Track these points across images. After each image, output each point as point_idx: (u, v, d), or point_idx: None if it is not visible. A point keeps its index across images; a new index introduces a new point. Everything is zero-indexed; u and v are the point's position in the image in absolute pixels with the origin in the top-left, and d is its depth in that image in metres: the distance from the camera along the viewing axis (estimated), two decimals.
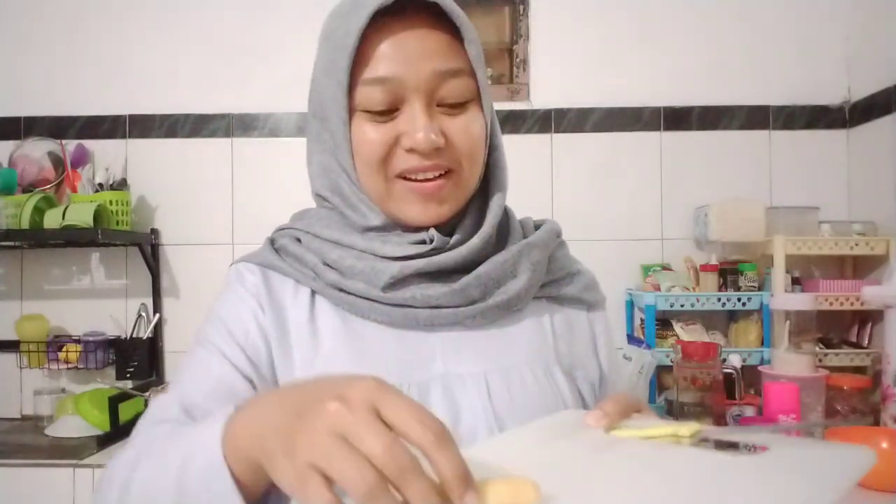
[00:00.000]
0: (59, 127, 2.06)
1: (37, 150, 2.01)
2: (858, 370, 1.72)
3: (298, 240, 0.72)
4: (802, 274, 1.86)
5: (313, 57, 0.69)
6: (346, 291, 0.66)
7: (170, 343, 2.04)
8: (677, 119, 2.00)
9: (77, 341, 1.95)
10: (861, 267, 1.89)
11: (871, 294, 1.46)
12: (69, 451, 1.61)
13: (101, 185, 1.93)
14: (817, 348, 1.71)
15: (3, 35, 2.08)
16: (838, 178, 1.97)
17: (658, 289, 1.83)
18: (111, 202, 1.90)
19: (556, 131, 2.01)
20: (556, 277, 0.74)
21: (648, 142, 2.01)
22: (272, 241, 0.74)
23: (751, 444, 0.48)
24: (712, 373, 1.55)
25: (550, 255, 0.74)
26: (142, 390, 1.84)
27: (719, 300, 1.79)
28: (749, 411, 1.55)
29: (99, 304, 2.06)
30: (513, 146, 2.10)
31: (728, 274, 1.84)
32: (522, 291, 0.69)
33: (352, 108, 0.64)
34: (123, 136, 2.06)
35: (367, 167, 0.65)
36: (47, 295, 2.07)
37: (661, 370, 1.79)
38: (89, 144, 2.05)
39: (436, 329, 0.67)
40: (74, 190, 1.95)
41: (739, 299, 1.79)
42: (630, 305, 1.97)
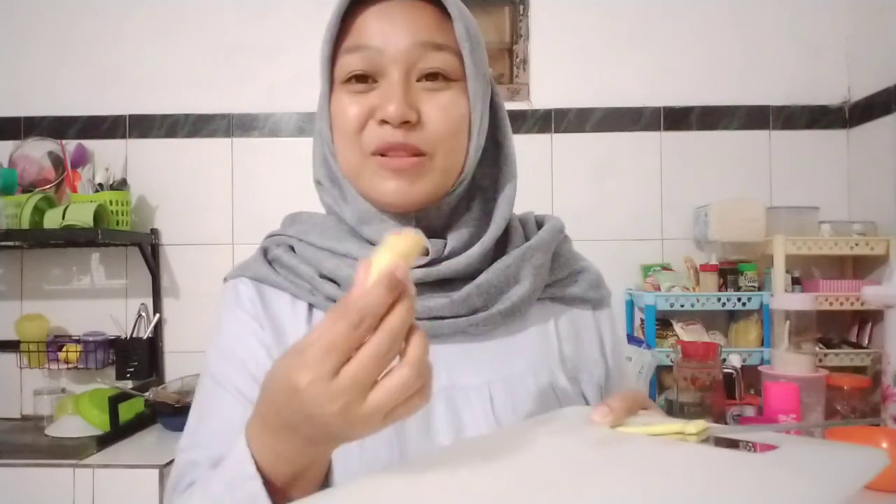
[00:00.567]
0: (59, 127, 2.06)
1: (37, 150, 2.01)
2: (858, 370, 1.72)
3: (292, 248, 0.70)
4: (802, 274, 1.86)
5: (313, 57, 0.69)
6: None
7: (170, 343, 2.04)
8: (677, 119, 2.00)
9: (77, 341, 1.95)
10: (861, 267, 1.89)
11: (871, 294, 1.46)
12: (69, 451, 1.61)
13: (101, 185, 1.93)
14: (817, 348, 1.71)
15: (3, 35, 2.08)
16: (838, 178, 1.97)
17: (658, 289, 1.83)
18: (111, 202, 1.90)
19: (556, 131, 2.01)
20: (561, 277, 0.72)
21: (648, 142, 2.01)
22: (265, 252, 0.72)
23: (759, 443, 0.48)
24: (712, 373, 1.55)
25: (554, 252, 0.72)
26: (142, 390, 1.84)
27: (719, 300, 1.79)
28: (749, 411, 1.55)
29: (99, 304, 2.06)
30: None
31: (728, 274, 1.84)
32: (526, 297, 0.67)
33: (334, 82, 0.64)
34: (123, 136, 2.06)
35: (343, 140, 0.64)
36: (47, 295, 2.07)
37: (661, 370, 1.79)
38: (89, 144, 2.05)
39: (438, 341, 0.64)
40: (74, 190, 1.95)
41: (739, 299, 1.79)
42: (630, 305, 1.97)
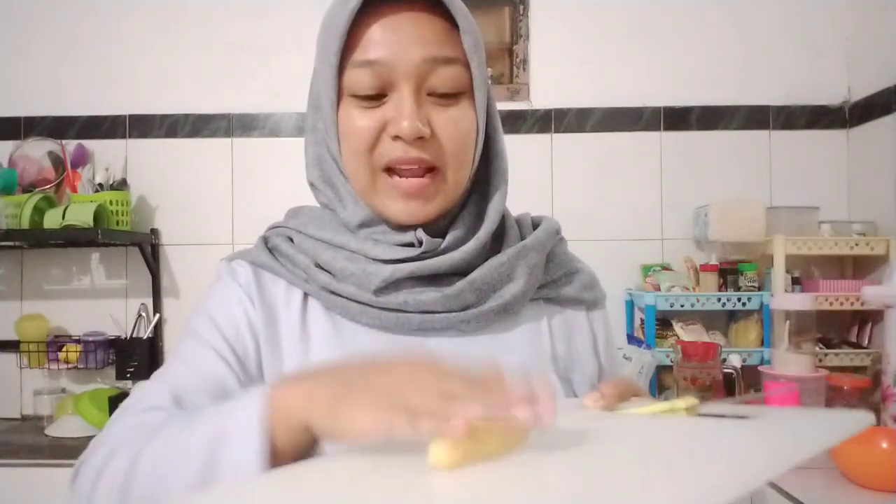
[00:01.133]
0: (59, 127, 2.06)
1: (37, 150, 2.01)
2: (858, 370, 1.72)
3: (291, 239, 0.70)
4: (802, 274, 1.86)
5: (313, 57, 0.69)
6: (338, 294, 0.65)
7: (170, 343, 2.04)
8: (677, 119, 2.00)
9: (77, 341, 1.95)
10: (861, 267, 1.89)
11: (871, 294, 1.46)
12: (69, 451, 1.61)
13: (101, 185, 1.93)
14: (817, 348, 1.71)
15: (3, 35, 2.08)
16: (838, 178, 1.97)
17: (658, 289, 1.83)
18: (111, 202, 1.90)
19: (556, 131, 2.01)
20: (555, 278, 0.72)
21: (648, 142, 2.01)
22: (265, 240, 0.72)
23: (748, 415, 0.50)
24: (712, 373, 1.56)
25: (549, 253, 0.72)
26: None
27: (719, 300, 1.79)
28: None
29: (99, 304, 2.06)
30: (513, 146, 2.08)
31: (728, 274, 1.84)
32: (519, 295, 0.67)
33: (341, 93, 0.63)
34: (123, 136, 2.06)
35: (354, 155, 0.63)
36: (47, 295, 2.07)
37: (661, 370, 1.79)
38: (89, 144, 2.05)
39: (429, 334, 0.65)
40: (74, 190, 1.95)
41: (739, 299, 1.79)
42: (630, 305, 1.97)
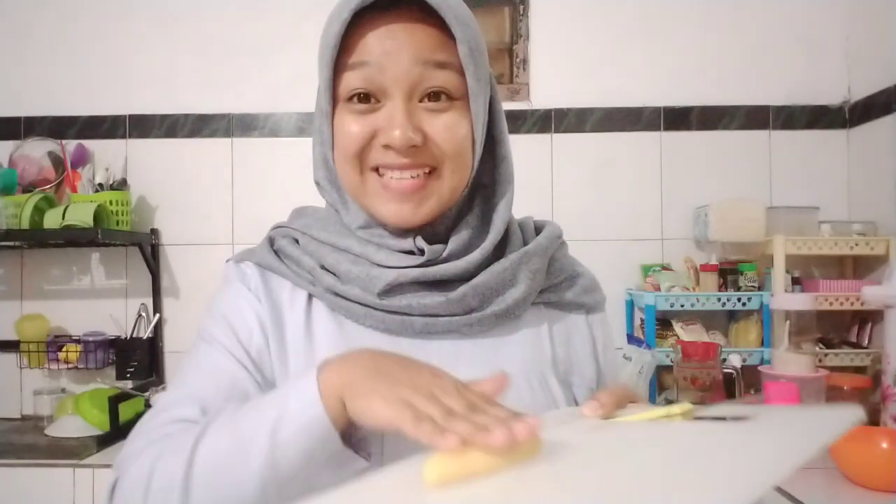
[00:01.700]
0: (59, 127, 2.06)
1: (37, 150, 2.01)
2: (858, 370, 1.72)
3: (296, 241, 0.71)
4: (802, 274, 1.86)
5: (313, 57, 0.69)
6: (343, 296, 0.66)
7: (170, 343, 2.04)
8: (677, 119, 2.00)
9: (77, 341, 1.95)
10: (861, 267, 1.89)
11: (871, 294, 1.46)
12: (69, 451, 1.61)
13: (101, 185, 1.94)
14: (817, 348, 1.71)
15: (3, 35, 2.08)
16: (838, 178, 1.97)
17: (658, 289, 1.83)
18: (111, 202, 1.90)
19: (556, 131, 2.01)
20: (556, 282, 0.73)
21: (648, 142, 2.01)
22: (271, 241, 0.73)
23: (742, 416, 0.50)
24: (712, 373, 1.56)
25: (550, 258, 0.73)
26: (142, 390, 1.84)
27: (719, 300, 1.79)
28: None
29: (99, 304, 2.06)
30: (513, 146, 2.11)
31: (728, 274, 1.84)
32: (521, 300, 0.68)
33: (337, 99, 0.64)
34: (123, 136, 2.06)
35: (343, 159, 0.64)
36: (47, 295, 2.07)
37: (661, 370, 1.79)
38: (89, 144, 2.05)
39: (432, 337, 0.66)
40: (74, 190, 1.96)
41: (739, 299, 1.79)
42: (630, 305, 1.97)
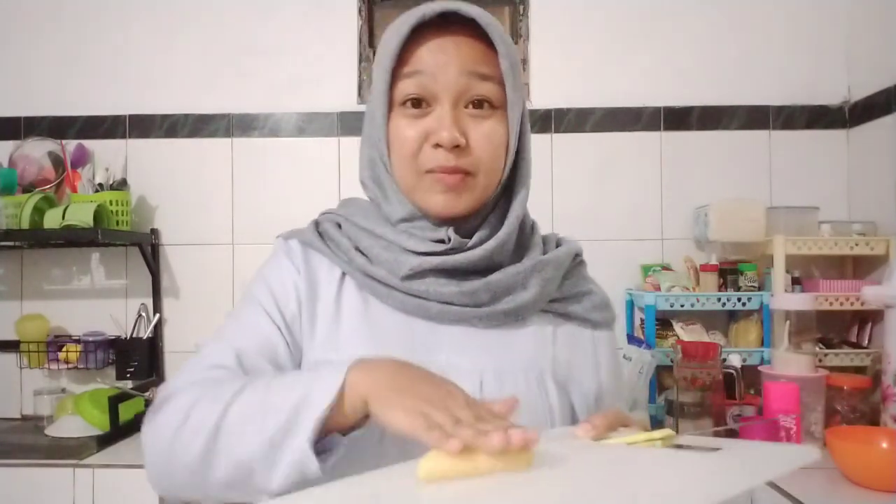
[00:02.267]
0: (59, 127, 2.06)
1: (37, 150, 2.01)
2: (858, 370, 1.72)
3: (339, 225, 0.79)
4: (802, 274, 1.86)
5: (313, 57, 0.70)
6: (371, 276, 0.74)
7: (170, 343, 2.05)
8: (677, 119, 2.00)
9: (77, 341, 1.95)
10: (861, 267, 1.89)
11: (871, 294, 1.46)
12: (69, 451, 1.61)
13: (101, 185, 1.94)
14: (817, 348, 1.71)
15: (4, 35, 2.08)
16: (838, 178, 1.97)
17: (658, 289, 1.83)
18: (111, 202, 1.90)
19: (556, 131, 2.01)
20: (567, 295, 0.79)
21: (648, 142, 2.01)
22: (316, 224, 0.81)
23: (712, 447, 0.57)
24: (712, 373, 1.56)
25: (566, 273, 0.79)
26: (142, 390, 1.85)
27: (719, 300, 1.79)
28: (749, 411, 1.55)
29: (99, 304, 2.06)
30: None
31: (728, 274, 1.84)
32: (530, 303, 0.74)
33: (392, 105, 0.72)
34: (123, 136, 2.06)
35: (401, 160, 0.73)
36: (47, 295, 2.07)
37: (661, 370, 1.79)
38: (89, 144, 2.05)
39: (444, 323, 0.73)
40: (74, 190, 1.96)
41: (739, 299, 1.79)
42: (630, 305, 1.97)
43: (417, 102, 0.71)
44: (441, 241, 0.73)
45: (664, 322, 1.87)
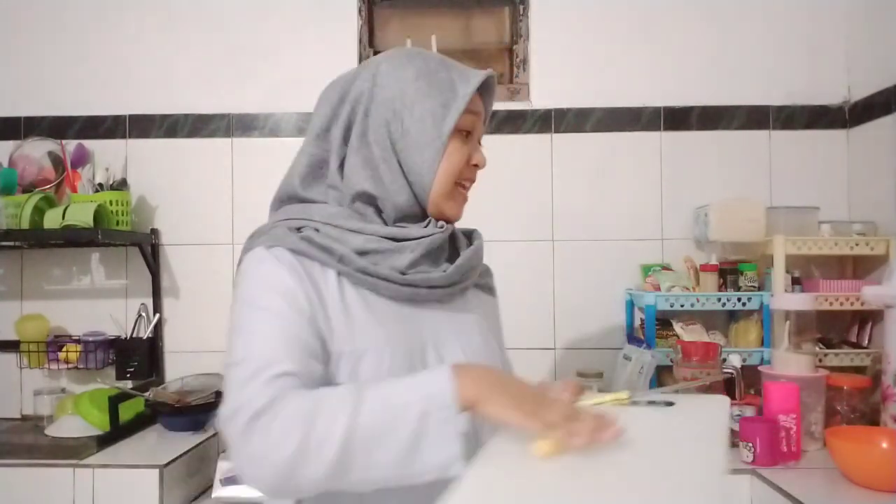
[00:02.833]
0: (59, 127, 2.06)
1: (37, 150, 2.01)
2: (858, 370, 1.72)
3: (317, 230, 0.85)
4: (802, 274, 1.86)
5: (313, 57, 0.69)
6: (369, 273, 0.83)
7: (170, 343, 2.04)
8: (677, 119, 2.01)
9: (77, 341, 1.95)
10: (861, 267, 1.89)
11: (871, 294, 1.46)
12: (69, 451, 1.61)
13: (101, 185, 1.94)
14: (817, 348, 1.71)
15: (3, 35, 2.08)
16: (838, 178, 1.97)
17: (658, 289, 1.83)
18: (111, 202, 1.90)
19: (556, 131, 2.01)
20: (481, 271, 1.01)
21: (648, 142, 2.01)
22: (297, 230, 0.86)
23: (665, 401, 0.79)
24: (712, 373, 1.55)
25: None
26: (142, 390, 1.84)
27: (719, 300, 1.79)
28: (749, 411, 1.55)
29: (99, 304, 2.06)
30: (513, 146, 2.11)
31: (728, 274, 1.84)
32: (475, 279, 0.96)
33: (455, 129, 0.87)
34: (123, 136, 2.06)
35: (448, 173, 0.88)
36: (47, 295, 2.07)
37: (662, 370, 1.79)
38: (89, 144, 2.05)
39: (424, 305, 0.88)
40: (74, 190, 1.96)
41: (739, 299, 1.79)
42: (630, 305, 1.97)
43: (468, 133, 0.89)
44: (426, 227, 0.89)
45: (664, 322, 1.87)
